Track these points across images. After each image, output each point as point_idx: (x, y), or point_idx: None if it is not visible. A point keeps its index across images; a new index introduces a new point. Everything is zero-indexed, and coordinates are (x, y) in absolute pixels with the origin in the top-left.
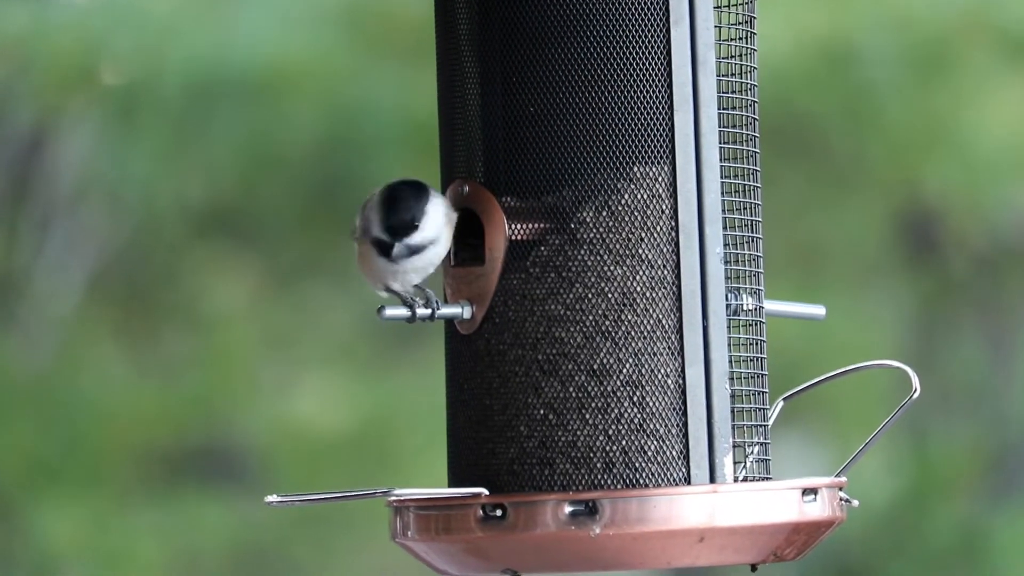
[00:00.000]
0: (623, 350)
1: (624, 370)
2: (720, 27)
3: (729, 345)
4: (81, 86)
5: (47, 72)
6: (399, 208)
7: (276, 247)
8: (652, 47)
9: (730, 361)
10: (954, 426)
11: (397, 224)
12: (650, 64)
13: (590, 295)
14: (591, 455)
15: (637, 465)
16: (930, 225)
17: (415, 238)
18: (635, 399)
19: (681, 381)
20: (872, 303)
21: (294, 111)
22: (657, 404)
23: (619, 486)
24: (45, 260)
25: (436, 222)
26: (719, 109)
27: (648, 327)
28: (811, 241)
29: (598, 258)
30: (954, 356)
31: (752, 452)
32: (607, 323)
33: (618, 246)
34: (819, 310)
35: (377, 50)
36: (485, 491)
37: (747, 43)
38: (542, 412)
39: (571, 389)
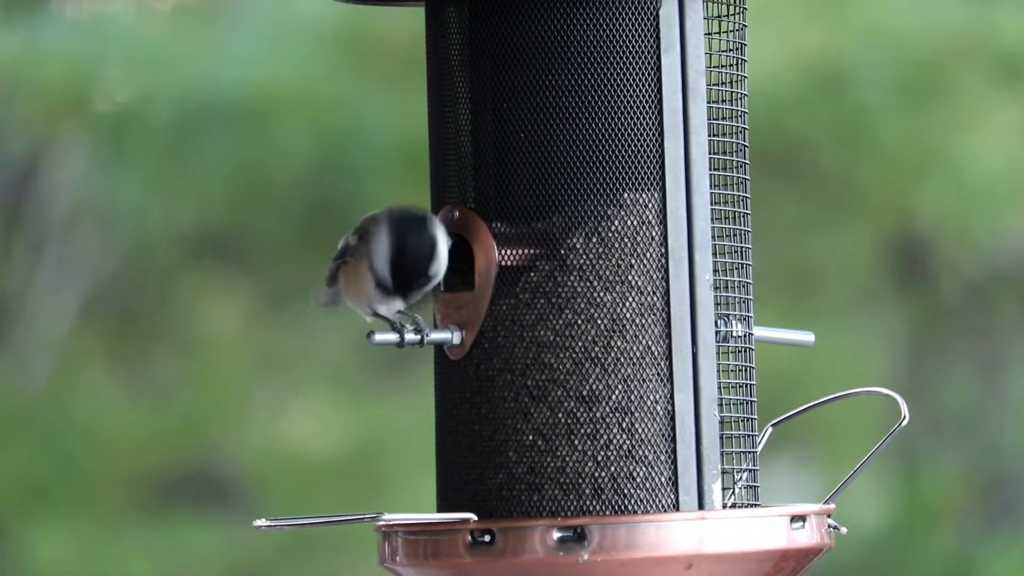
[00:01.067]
0: (612, 376)
1: (613, 396)
2: (710, 54)
3: (718, 371)
4: (72, 112)
5: (38, 98)
6: (415, 257)
7: (268, 271)
8: (643, 74)
9: (719, 387)
10: (945, 453)
11: (411, 274)
12: (640, 91)
13: (580, 321)
14: (580, 481)
15: (626, 491)
16: (921, 251)
17: (429, 286)
18: (624, 425)
19: (670, 407)
20: (862, 328)
21: (285, 136)
22: (646, 430)
23: (608, 512)
24: (38, 284)
25: (443, 261)
26: (709, 136)
27: (637, 353)
28: (801, 265)
29: (588, 284)
30: (945, 383)
31: (741, 478)
32: (596, 349)
33: (608, 272)
34: (808, 337)
35: (368, 74)
36: (474, 516)
37: (737, 70)
38: (531, 438)
39: (560, 415)
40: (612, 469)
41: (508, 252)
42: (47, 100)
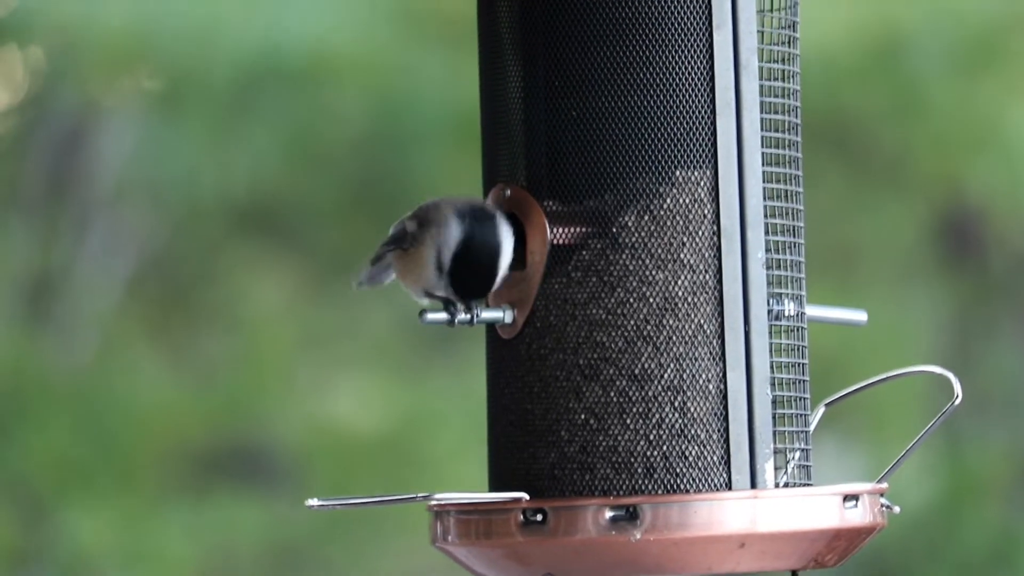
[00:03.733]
0: (664, 355)
1: (665, 375)
2: (763, 31)
3: (771, 350)
4: (126, 77)
5: (92, 62)
6: (480, 274)
7: (315, 246)
8: (695, 51)
9: (771, 366)
10: (990, 431)
11: (477, 287)
12: (692, 68)
13: (631, 300)
14: (632, 460)
15: (678, 470)
16: (972, 226)
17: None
18: (676, 404)
19: (722, 386)
20: (909, 305)
21: (338, 104)
22: (698, 409)
23: (660, 491)
24: (84, 259)
25: (505, 267)
26: (761, 113)
27: (689, 332)
28: (849, 242)
29: (640, 262)
30: (991, 360)
31: (793, 458)
32: (648, 328)
33: (660, 250)
34: (861, 316)
35: (424, 42)
36: (526, 496)
37: (790, 47)
38: (583, 417)
39: (612, 394)
40: (664, 448)
41: (560, 230)
42: (101, 63)
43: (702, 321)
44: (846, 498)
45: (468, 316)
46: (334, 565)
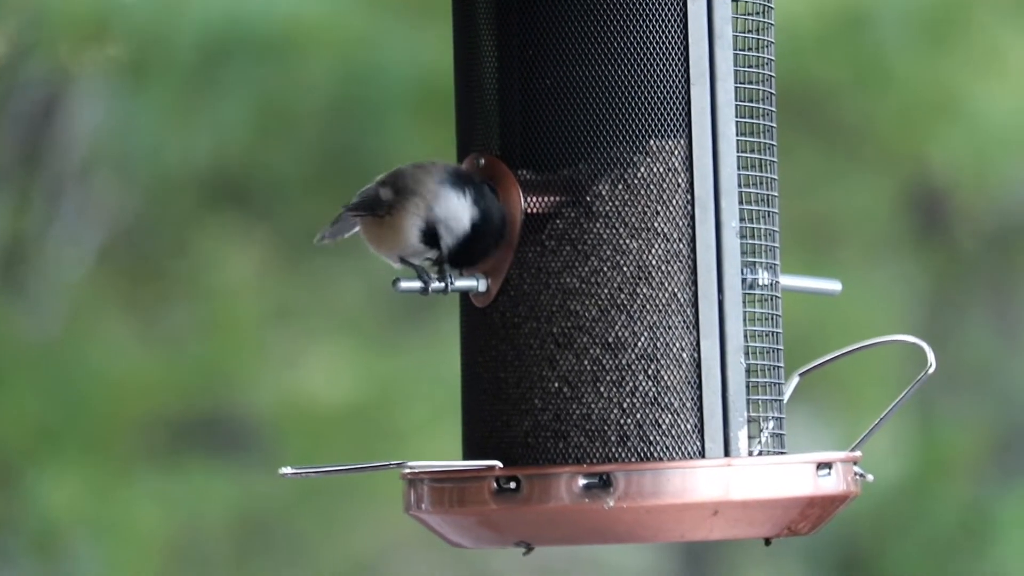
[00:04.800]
0: (638, 323)
1: (639, 343)
2: (737, 1)
3: (744, 319)
4: (92, 48)
5: (61, 34)
6: (488, 241)
7: (285, 217)
8: (669, 21)
9: (745, 335)
10: (961, 405)
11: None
12: (667, 38)
13: (605, 268)
14: (605, 428)
15: (651, 438)
16: (938, 201)
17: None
18: (650, 372)
19: (696, 355)
20: (882, 278)
21: (306, 74)
22: (672, 377)
23: (633, 459)
24: (55, 229)
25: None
26: (736, 83)
27: (663, 300)
28: (820, 216)
29: (614, 231)
30: (963, 334)
31: (767, 426)
32: (622, 296)
33: (634, 219)
34: (835, 285)
35: (391, 12)
36: (499, 464)
37: (764, 17)
38: (557, 385)
39: (586, 362)
40: (638, 416)
41: (534, 199)
42: (68, 35)
43: (676, 290)
44: (819, 466)
45: (442, 284)
46: (306, 536)
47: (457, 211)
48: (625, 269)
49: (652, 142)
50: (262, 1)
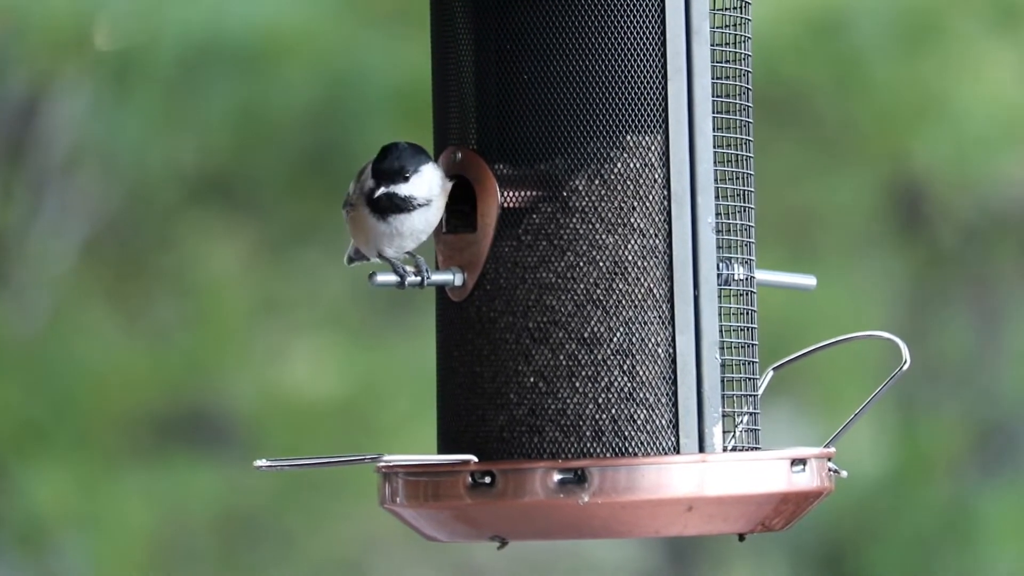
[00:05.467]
0: (614, 319)
1: (614, 339)
2: None
3: (720, 314)
4: (75, 50)
5: (42, 35)
6: (391, 157)
7: (269, 213)
8: (646, 16)
9: (720, 331)
10: (942, 401)
11: (387, 170)
12: (644, 33)
13: (581, 263)
14: (580, 423)
15: (626, 434)
16: (919, 197)
17: (402, 189)
18: (625, 368)
19: (671, 350)
20: (861, 275)
21: (287, 78)
22: (647, 373)
23: (608, 454)
24: (39, 224)
25: (429, 184)
26: (713, 78)
27: (639, 296)
28: (800, 212)
29: (590, 226)
30: (943, 330)
31: (742, 421)
32: (598, 292)
33: (610, 215)
34: (810, 280)
35: (370, 18)
36: (474, 458)
37: (741, 13)
38: (532, 380)
39: (561, 357)
40: (613, 411)
41: (510, 193)
42: (51, 37)
43: (652, 285)
44: (794, 462)
45: (418, 279)
46: (289, 530)
47: (366, 179)
48: (601, 264)
49: (629, 137)
50: (242, 6)
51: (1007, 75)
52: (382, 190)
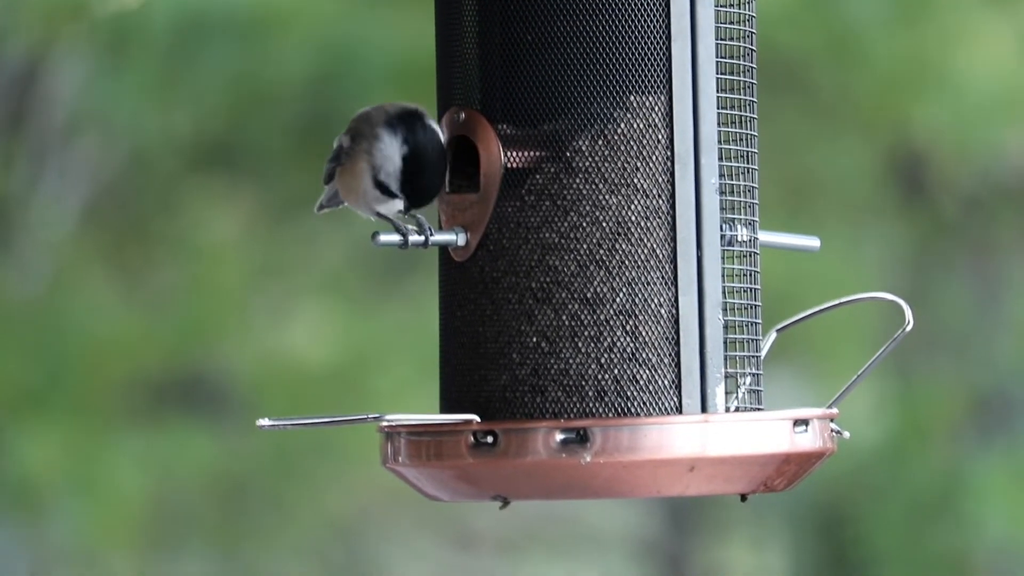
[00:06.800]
0: (617, 279)
1: (617, 299)
2: None
3: (723, 275)
4: (73, 18)
5: (39, 3)
6: (427, 173)
7: (268, 180)
8: None
9: (724, 291)
10: (940, 368)
11: (421, 192)
12: None
13: (585, 224)
14: (583, 383)
15: (629, 394)
16: (919, 166)
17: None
18: (628, 328)
19: (674, 311)
20: (862, 243)
21: (284, 46)
22: (650, 333)
23: (610, 414)
24: (40, 189)
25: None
26: (716, 40)
27: (642, 256)
28: (801, 180)
29: (593, 187)
30: (943, 297)
31: (744, 382)
32: (601, 252)
33: (613, 175)
34: (813, 241)
35: None
36: (477, 418)
37: None
38: (535, 340)
39: (564, 317)
40: (615, 371)
41: (514, 154)
42: (48, 4)
43: (655, 246)
44: (796, 423)
45: (421, 238)
46: (284, 496)
47: (389, 152)
48: (604, 225)
49: (632, 98)
50: None
51: (1006, 45)
52: (411, 212)
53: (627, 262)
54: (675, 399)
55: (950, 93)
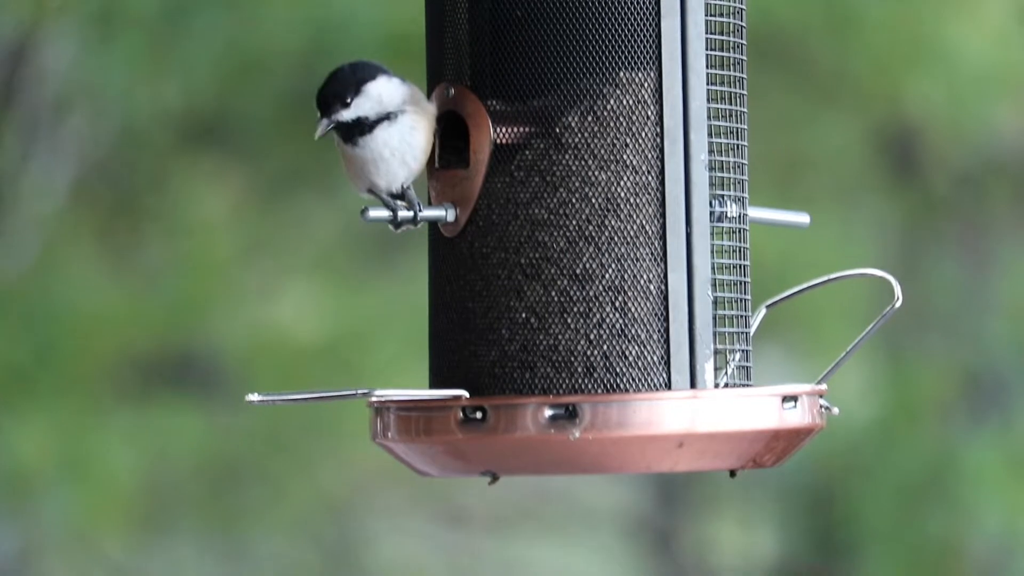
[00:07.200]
0: (606, 255)
1: (607, 275)
2: None
3: (712, 252)
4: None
5: None
6: (326, 85)
7: (259, 155)
8: None
9: (713, 268)
10: (931, 346)
11: (321, 100)
12: None
13: (574, 200)
14: (572, 359)
15: (618, 370)
16: (912, 142)
17: (344, 114)
18: (617, 304)
19: (663, 287)
20: (853, 218)
21: (274, 21)
22: (639, 309)
23: (599, 390)
24: (29, 166)
25: (379, 99)
26: (706, 16)
27: (631, 232)
28: (792, 156)
29: (582, 163)
30: (934, 274)
31: (734, 359)
32: (590, 228)
33: (603, 151)
34: (803, 217)
35: None
36: (466, 393)
37: None
38: (524, 316)
39: (553, 293)
40: (604, 347)
41: (503, 130)
42: None
43: (644, 222)
44: (785, 399)
45: (411, 213)
46: (275, 475)
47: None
48: (594, 201)
49: (622, 74)
50: None
51: (1000, 20)
52: (324, 123)
53: (616, 238)
54: (664, 375)
55: (943, 68)
